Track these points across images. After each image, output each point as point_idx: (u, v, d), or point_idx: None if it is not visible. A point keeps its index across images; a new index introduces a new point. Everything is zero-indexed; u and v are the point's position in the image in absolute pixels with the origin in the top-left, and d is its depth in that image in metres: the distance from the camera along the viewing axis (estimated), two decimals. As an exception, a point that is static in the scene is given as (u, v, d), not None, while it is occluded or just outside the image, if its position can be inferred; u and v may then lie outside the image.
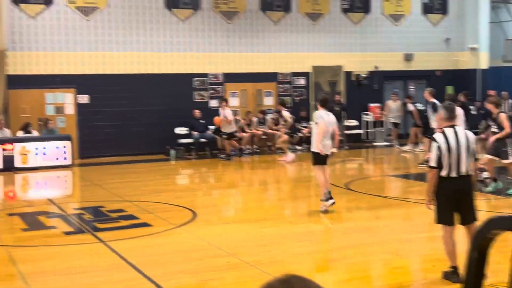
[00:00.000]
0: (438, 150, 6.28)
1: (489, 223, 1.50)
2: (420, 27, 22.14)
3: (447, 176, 6.29)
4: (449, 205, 6.32)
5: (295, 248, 8.12)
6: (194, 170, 16.63)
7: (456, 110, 6.68)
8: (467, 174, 6.34)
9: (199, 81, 19.31)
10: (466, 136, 6.38)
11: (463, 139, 6.33)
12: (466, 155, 6.29)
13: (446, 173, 6.29)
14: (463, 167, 6.29)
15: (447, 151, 6.25)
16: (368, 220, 9.99)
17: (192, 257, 7.66)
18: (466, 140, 6.34)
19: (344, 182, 13.56)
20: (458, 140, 6.30)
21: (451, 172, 6.27)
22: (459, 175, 6.30)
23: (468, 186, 6.38)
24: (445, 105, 6.67)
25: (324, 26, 20.75)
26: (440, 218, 6.43)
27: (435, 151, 6.30)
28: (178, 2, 18.92)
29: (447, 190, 6.30)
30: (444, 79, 22.34)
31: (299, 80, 20.60)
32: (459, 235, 6.51)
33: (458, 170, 6.29)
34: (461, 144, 6.30)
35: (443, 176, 6.30)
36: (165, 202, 11.35)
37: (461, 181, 6.31)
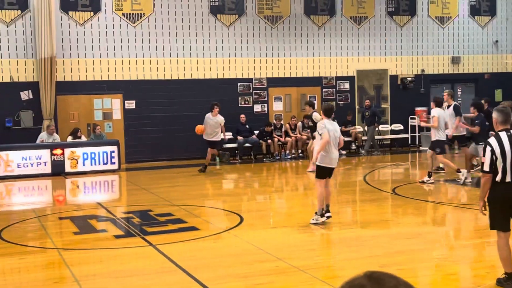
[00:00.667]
0: (492, 154, 6.10)
1: None
2: (468, 29, 21.78)
3: (501, 181, 6.12)
4: (504, 210, 6.17)
5: (344, 253, 8.06)
6: (239, 175, 16.69)
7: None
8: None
9: (243, 86, 19.40)
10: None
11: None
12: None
13: (500, 178, 6.12)
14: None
15: (501, 155, 6.07)
16: (417, 226, 9.84)
17: (241, 261, 7.68)
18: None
19: (390, 187, 13.41)
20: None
21: (506, 177, 6.10)
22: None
23: None
24: (500, 109, 6.43)
25: (369, 29, 20.60)
26: (495, 224, 6.28)
27: (488, 156, 6.13)
28: (223, 8, 19.06)
29: (501, 195, 6.14)
30: (492, 82, 21.90)
31: (343, 84, 20.49)
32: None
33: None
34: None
35: (497, 181, 6.14)
36: (211, 206, 11.43)
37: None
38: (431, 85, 21.46)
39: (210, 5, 18.94)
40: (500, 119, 6.29)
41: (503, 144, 6.12)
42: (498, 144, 6.13)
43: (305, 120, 19.26)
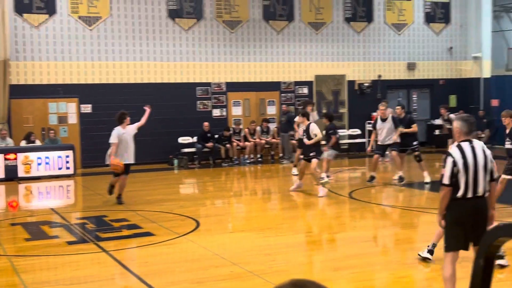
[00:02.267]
0: (454, 166, 5.58)
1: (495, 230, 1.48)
2: (423, 36, 22.17)
3: (462, 197, 5.60)
4: (463, 230, 5.62)
5: (299, 257, 8.08)
6: (197, 179, 16.61)
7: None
8: (483, 195, 5.65)
9: (202, 90, 19.34)
10: (485, 151, 5.70)
11: (481, 156, 5.64)
12: (484, 173, 5.62)
13: (461, 194, 5.60)
14: (480, 187, 5.60)
15: (463, 168, 5.57)
16: (373, 229, 9.95)
17: (195, 266, 7.62)
18: (484, 156, 5.65)
19: (347, 191, 13.53)
20: (476, 157, 5.61)
21: (467, 192, 5.59)
22: (475, 195, 5.61)
23: (484, 208, 5.64)
24: (464, 118, 5.84)
25: (327, 35, 20.78)
26: (452, 244, 5.70)
27: (449, 167, 5.60)
28: (181, 12, 18.98)
29: (462, 213, 5.61)
30: (447, 88, 22.34)
31: (302, 89, 20.61)
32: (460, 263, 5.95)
33: (475, 190, 5.60)
34: (479, 161, 5.62)
35: (458, 197, 5.61)
36: (168, 211, 11.33)
37: (477, 203, 5.62)
38: (388, 90, 21.76)
39: (168, 9, 18.84)
40: (464, 129, 5.73)
41: (466, 156, 5.60)
42: (461, 155, 5.61)
43: (264, 124, 19.30)
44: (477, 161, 5.60)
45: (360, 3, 21.18)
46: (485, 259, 1.48)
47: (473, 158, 5.60)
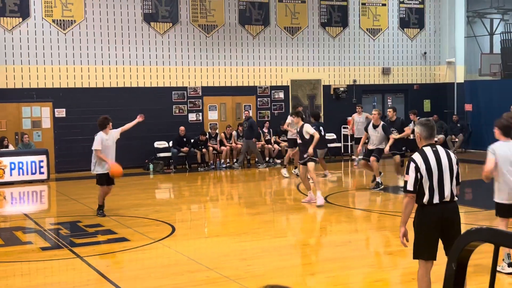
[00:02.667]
0: (417, 172, 5.41)
1: (467, 235, 1.49)
2: (397, 41, 22.39)
3: (428, 203, 5.40)
4: (431, 236, 5.42)
5: (275, 261, 8.07)
6: (173, 184, 16.53)
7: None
8: (451, 200, 5.46)
9: (178, 95, 19.27)
10: (449, 155, 5.54)
11: (445, 160, 5.47)
12: (450, 177, 5.45)
13: (427, 200, 5.40)
14: (446, 191, 5.41)
15: (427, 173, 5.39)
16: (348, 233, 9.99)
17: (171, 272, 7.58)
18: (449, 160, 5.49)
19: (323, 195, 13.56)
20: (439, 161, 5.44)
21: (433, 198, 5.40)
22: (442, 201, 5.41)
23: (453, 214, 5.46)
24: (423, 122, 5.70)
25: (302, 40, 20.87)
26: (421, 252, 5.50)
27: (413, 173, 5.41)
28: (156, 16, 18.91)
29: (430, 219, 5.41)
30: (421, 92, 22.58)
31: (278, 93, 20.66)
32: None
33: (441, 196, 5.41)
34: (444, 165, 5.44)
35: (424, 203, 5.43)
36: (143, 216, 11.25)
37: (444, 208, 5.42)
38: (363, 95, 21.92)
39: (144, 13, 18.76)
40: (424, 133, 5.59)
41: (429, 161, 5.42)
42: (423, 160, 5.43)
43: (240, 129, 19.28)
44: (441, 165, 5.42)
45: (335, 8, 21.32)
46: (457, 263, 1.49)
47: (437, 163, 5.42)
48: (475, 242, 1.46)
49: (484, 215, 11.14)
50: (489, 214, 11.24)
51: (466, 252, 1.48)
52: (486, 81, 22.49)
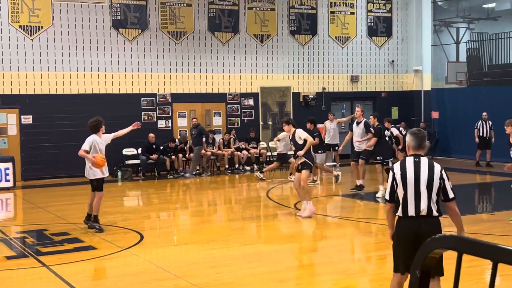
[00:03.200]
0: (393, 181, 5.33)
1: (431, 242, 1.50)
2: (366, 49, 22.62)
3: (403, 215, 5.27)
4: (404, 250, 5.26)
5: (244, 269, 8.06)
6: (142, 192, 16.39)
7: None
8: (428, 215, 5.22)
9: (147, 101, 19.15)
10: (432, 168, 5.28)
11: (426, 173, 5.25)
12: (427, 191, 5.21)
13: (401, 211, 5.28)
14: (422, 205, 5.20)
15: (401, 183, 5.27)
16: (316, 240, 10.03)
17: (138, 280, 7.50)
18: (430, 174, 5.25)
19: (292, 202, 13.60)
20: (418, 173, 5.25)
21: (408, 210, 5.24)
22: (417, 214, 5.20)
23: (430, 229, 5.12)
24: (414, 132, 5.50)
25: (272, 47, 20.95)
26: (399, 264, 5.39)
27: (389, 183, 5.37)
28: (125, 22, 18.79)
29: (404, 232, 5.26)
30: (389, 100, 22.82)
31: (247, 100, 20.68)
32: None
33: (417, 209, 5.21)
34: (422, 178, 5.24)
35: (399, 215, 5.32)
36: (111, 224, 11.13)
37: (420, 222, 5.19)
38: (332, 102, 22.07)
39: (112, 19, 18.62)
40: (412, 143, 5.42)
41: (406, 171, 5.28)
42: (401, 170, 5.31)
43: (210, 136, 19.22)
44: (419, 178, 5.23)
45: (304, 16, 21.46)
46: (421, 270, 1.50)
47: (414, 174, 5.24)
48: (438, 249, 1.47)
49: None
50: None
51: (430, 259, 1.49)
52: (452, 89, 22.83)
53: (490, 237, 9.33)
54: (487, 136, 19.30)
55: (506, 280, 7.03)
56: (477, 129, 19.50)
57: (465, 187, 15.65)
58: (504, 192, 16.19)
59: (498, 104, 19.73)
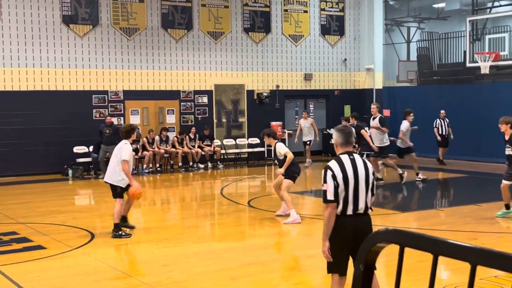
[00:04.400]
0: (334, 180, 5.13)
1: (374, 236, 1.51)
2: (319, 48, 22.80)
3: (341, 214, 5.16)
4: (344, 250, 5.16)
5: (198, 267, 8.02)
6: (93, 190, 16.14)
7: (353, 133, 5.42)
8: (365, 213, 5.24)
9: (98, 99, 18.86)
10: (366, 165, 5.29)
11: (362, 170, 5.22)
12: (365, 188, 5.20)
13: (340, 210, 5.15)
14: (361, 203, 5.19)
15: (343, 183, 5.14)
16: (270, 237, 10.06)
17: (89, 280, 7.38)
18: (366, 170, 5.24)
19: (246, 199, 13.61)
20: (356, 170, 5.19)
21: (347, 209, 5.16)
22: (355, 213, 5.18)
23: (366, 227, 5.19)
24: (340, 128, 5.40)
25: (226, 44, 20.91)
26: (333, 266, 5.27)
27: (331, 182, 5.12)
28: (76, 18, 18.45)
29: (341, 231, 5.15)
30: (342, 98, 23.07)
31: (201, 98, 20.59)
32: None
33: (355, 207, 5.18)
34: (360, 175, 5.20)
35: (337, 214, 5.17)
36: (61, 223, 10.92)
37: (358, 220, 5.18)
38: (286, 100, 22.18)
39: (63, 15, 18.26)
40: (339, 140, 5.30)
41: (346, 170, 5.16)
42: (340, 169, 5.16)
43: (163, 134, 19.07)
44: (357, 175, 5.17)
45: (258, 14, 21.49)
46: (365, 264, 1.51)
47: (353, 172, 5.16)
48: (381, 243, 1.48)
49: (401, 218, 11.49)
50: (407, 216, 11.62)
51: (373, 253, 1.50)
52: (403, 87, 23.26)
53: (438, 232, 9.53)
54: (445, 134, 19.42)
55: (456, 274, 7.19)
56: (436, 128, 19.51)
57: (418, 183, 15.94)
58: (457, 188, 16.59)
59: (447, 102, 20.17)
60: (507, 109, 18.93)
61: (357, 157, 5.31)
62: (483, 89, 20.10)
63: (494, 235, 9.73)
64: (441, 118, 19.44)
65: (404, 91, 22.94)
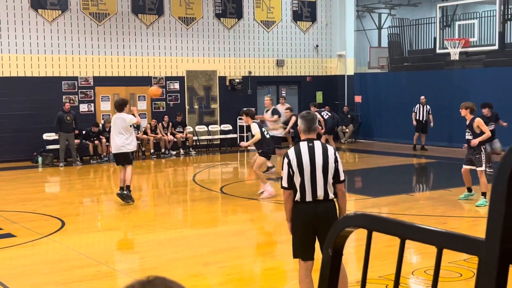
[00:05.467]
0: (289, 167, 5.22)
1: (342, 220, 1.52)
2: (291, 34, 22.78)
3: (301, 201, 5.21)
4: (305, 236, 5.24)
5: (169, 254, 8.01)
6: (64, 177, 15.97)
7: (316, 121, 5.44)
8: (325, 199, 5.23)
9: (68, 85, 18.61)
10: (326, 152, 5.26)
11: (320, 157, 5.23)
12: (323, 175, 5.20)
13: (299, 197, 5.21)
14: (319, 190, 5.19)
15: (298, 170, 5.19)
16: (243, 223, 10.08)
17: (60, 267, 7.32)
18: (325, 158, 5.23)
19: (219, 186, 13.61)
20: (313, 158, 5.21)
21: (305, 196, 5.19)
22: (314, 199, 5.20)
23: (327, 213, 5.19)
24: (303, 115, 5.42)
25: (197, 30, 20.76)
26: (297, 252, 5.33)
27: (286, 169, 5.23)
28: (44, 3, 18.12)
29: (301, 217, 5.21)
30: (314, 84, 23.12)
31: (173, 84, 20.45)
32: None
33: (314, 194, 5.19)
34: (317, 162, 5.21)
35: (296, 200, 5.23)
36: (31, 211, 10.80)
37: (318, 207, 5.19)
38: (258, 86, 22.16)
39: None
40: (302, 127, 5.34)
41: (301, 157, 5.21)
42: (296, 156, 5.22)
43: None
44: (314, 163, 5.20)
45: (230, -1, 21.37)
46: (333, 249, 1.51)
47: (310, 159, 5.19)
48: (350, 228, 1.49)
49: (372, 203, 11.60)
50: (378, 201, 11.74)
51: (342, 238, 1.51)
52: (375, 73, 23.39)
53: (408, 217, 9.65)
54: (423, 119, 19.33)
55: (425, 258, 7.30)
56: (415, 112, 19.42)
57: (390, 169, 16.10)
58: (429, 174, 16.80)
59: (418, 88, 20.35)
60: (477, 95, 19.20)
61: (317, 144, 5.31)
62: (453, 75, 20.33)
63: (463, 219, 9.89)
64: (421, 103, 19.35)
65: (375, 77, 23.09)
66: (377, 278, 6.33)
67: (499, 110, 15.25)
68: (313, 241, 5.28)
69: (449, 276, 6.54)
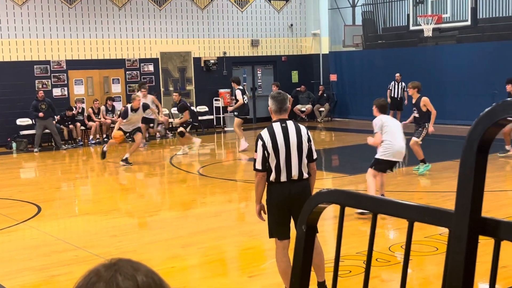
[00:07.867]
0: (264, 149, 5.21)
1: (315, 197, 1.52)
2: (265, 13, 22.67)
3: (275, 181, 5.24)
4: (280, 215, 5.29)
5: (147, 237, 8.00)
6: (38, 163, 15.80)
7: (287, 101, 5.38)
8: (299, 179, 5.26)
9: (40, 69, 18.34)
10: (299, 132, 5.28)
11: (294, 137, 5.24)
12: (298, 155, 5.23)
13: (274, 177, 5.24)
14: (294, 170, 5.22)
15: (273, 151, 5.19)
16: (221, 204, 10.10)
17: (37, 253, 7.27)
18: (298, 137, 5.25)
19: (196, 168, 13.59)
20: (287, 138, 5.22)
21: (280, 176, 5.22)
22: (289, 179, 5.23)
23: (301, 192, 5.22)
24: (274, 95, 5.40)
25: (170, 11, 20.55)
26: (273, 231, 5.38)
27: (260, 151, 5.21)
28: (13, -15, 17.77)
29: (277, 197, 5.26)
30: (289, 64, 23.10)
31: (147, 66, 20.28)
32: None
33: (288, 174, 5.23)
34: (291, 142, 5.22)
35: (271, 181, 5.26)
36: (6, 197, 10.69)
37: (292, 186, 5.22)
38: (233, 67, 22.07)
39: (-1, -18, 17.56)
40: (273, 107, 5.33)
41: (276, 138, 5.21)
42: (270, 137, 5.22)
43: (109, 103, 18.72)
44: (289, 143, 5.21)
45: (203, -21, 21.16)
46: (307, 225, 1.52)
47: (284, 140, 5.20)
48: (323, 204, 1.50)
49: (349, 180, 11.68)
50: (354, 178, 11.82)
51: (315, 214, 1.51)
52: (349, 52, 23.43)
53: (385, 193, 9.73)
54: (398, 97, 19.36)
55: (402, 233, 7.39)
56: (390, 90, 19.42)
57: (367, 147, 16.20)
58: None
59: (392, 66, 20.43)
60: (450, 71, 19.34)
61: (290, 124, 5.32)
62: (427, 52, 20.44)
63: (439, 194, 10.02)
64: (396, 81, 19.38)
65: (350, 56, 23.12)
66: (355, 254, 6.40)
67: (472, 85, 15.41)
68: (288, 220, 5.31)
69: (425, 250, 6.64)
